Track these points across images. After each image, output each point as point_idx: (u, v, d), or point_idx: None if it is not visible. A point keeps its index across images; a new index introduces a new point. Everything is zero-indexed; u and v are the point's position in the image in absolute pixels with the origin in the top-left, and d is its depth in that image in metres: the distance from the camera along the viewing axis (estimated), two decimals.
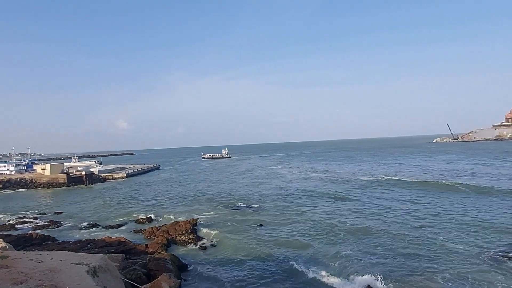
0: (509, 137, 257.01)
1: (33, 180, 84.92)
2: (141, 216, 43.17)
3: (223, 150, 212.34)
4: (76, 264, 13.34)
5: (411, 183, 58.02)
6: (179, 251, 28.51)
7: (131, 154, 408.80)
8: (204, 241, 31.25)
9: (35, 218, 45.89)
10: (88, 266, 13.12)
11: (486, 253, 24.65)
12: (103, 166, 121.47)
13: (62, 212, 48.98)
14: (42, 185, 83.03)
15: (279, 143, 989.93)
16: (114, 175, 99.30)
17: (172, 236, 31.94)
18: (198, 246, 29.81)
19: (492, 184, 52.77)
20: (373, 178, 68.16)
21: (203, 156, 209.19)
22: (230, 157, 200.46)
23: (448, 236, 29.04)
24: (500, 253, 24.42)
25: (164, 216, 43.54)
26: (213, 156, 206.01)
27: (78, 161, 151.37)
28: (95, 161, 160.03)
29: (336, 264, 23.90)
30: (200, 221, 37.24)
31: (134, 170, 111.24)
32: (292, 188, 62.02)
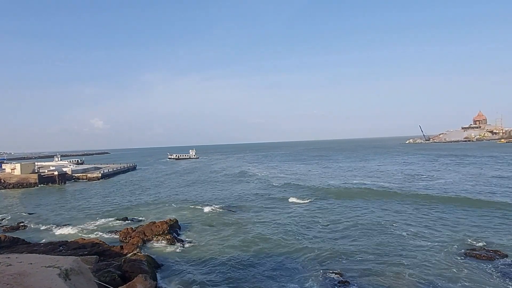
0: (476, 138, 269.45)
1: (2, 180, 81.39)
2: (116, 217, 42.33)
3: (190, 150, 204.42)
4: (47, 267, 12.99)
5: (376, 191, 58.38)
6: (155, 252, 28.15)
7: (106, 153, 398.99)
8: (181, 241, 31.04)
9: (3, 219, 44.11)
10: (60, 269, 12.81)
11: (447, 252, 25.87)
12: (77, 166, 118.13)
13: (33, 213, 47.30)
14: (11, 186, 79.66)
15: (256, 143, 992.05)
16: (89, 175, 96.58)
17: (148, 237, 31.48)
18: (174, 247, 29.55)
19: (452, 190, 55.25)
20: (342, 182, 68.80)
21: (169, 157, 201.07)
22: (198, 158, 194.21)
23: (413, 237, 30.21)
24: (461, 251, 25.79)
25: (140, 216, 42.87)
26: (180, 157, 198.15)
27: (61, 160, 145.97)
28: (77, 160, 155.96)
29: (309, 264, 24.41)
30: (177, 221, 36.83)
31: (110, 170, 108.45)
32: (267, 189, 62.30)
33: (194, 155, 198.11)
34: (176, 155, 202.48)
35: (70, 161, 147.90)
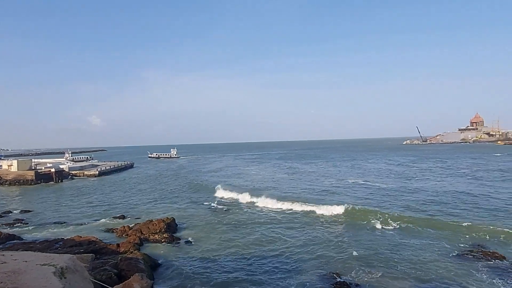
0: (473, 140, 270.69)
1: None
2: (113, 215, 42.17)
3: (171, 149, 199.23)
4: (42, 265, 12.85)
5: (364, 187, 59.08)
6: (152, 250, 27.96)
7: (103, 150, 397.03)
8: (178, 240, 30.91)
9: (0, 216, 43.84)
10: (55, 267, 12.67)
11: (442, 251, 26.00)
12: (74, 163, 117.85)
13: (29, 211, 46.98)
14: (8, 182, 79.07)
15: (256, 142, 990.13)
16: (86, 173, 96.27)
17: (145, 235, 31.33)
18: (172, 245, 29.42)
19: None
20: (337, 181, 69.35)
21: (150, 156, 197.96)
22: (178, 157, 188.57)
23: (405, 238, 30.19)
24: (456, 252, 25.89)
25: (137, 214, 42.69)
26: (160, 156, 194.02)
27: (71, 156, 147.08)
28: (87, 157, 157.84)
29: (309, 265, 24.37)
30: (174, 220, 36.69)
31: (107, 168, 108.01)
32: (264, 189, 61.72)
33: (175, 155, 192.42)
34: (156, 154, 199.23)
35: (78, 157, 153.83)
